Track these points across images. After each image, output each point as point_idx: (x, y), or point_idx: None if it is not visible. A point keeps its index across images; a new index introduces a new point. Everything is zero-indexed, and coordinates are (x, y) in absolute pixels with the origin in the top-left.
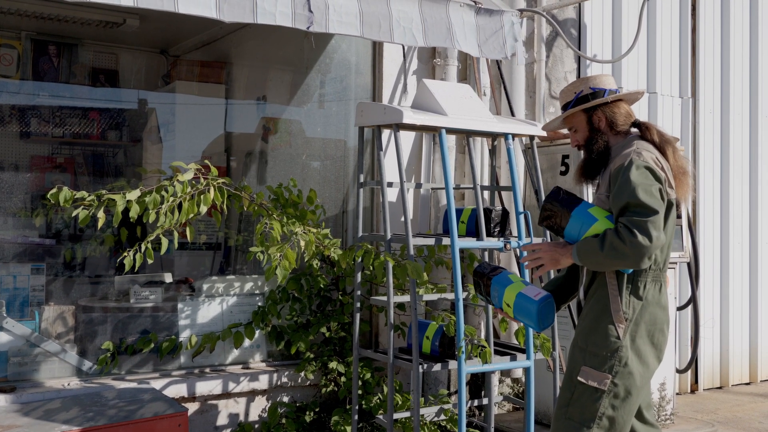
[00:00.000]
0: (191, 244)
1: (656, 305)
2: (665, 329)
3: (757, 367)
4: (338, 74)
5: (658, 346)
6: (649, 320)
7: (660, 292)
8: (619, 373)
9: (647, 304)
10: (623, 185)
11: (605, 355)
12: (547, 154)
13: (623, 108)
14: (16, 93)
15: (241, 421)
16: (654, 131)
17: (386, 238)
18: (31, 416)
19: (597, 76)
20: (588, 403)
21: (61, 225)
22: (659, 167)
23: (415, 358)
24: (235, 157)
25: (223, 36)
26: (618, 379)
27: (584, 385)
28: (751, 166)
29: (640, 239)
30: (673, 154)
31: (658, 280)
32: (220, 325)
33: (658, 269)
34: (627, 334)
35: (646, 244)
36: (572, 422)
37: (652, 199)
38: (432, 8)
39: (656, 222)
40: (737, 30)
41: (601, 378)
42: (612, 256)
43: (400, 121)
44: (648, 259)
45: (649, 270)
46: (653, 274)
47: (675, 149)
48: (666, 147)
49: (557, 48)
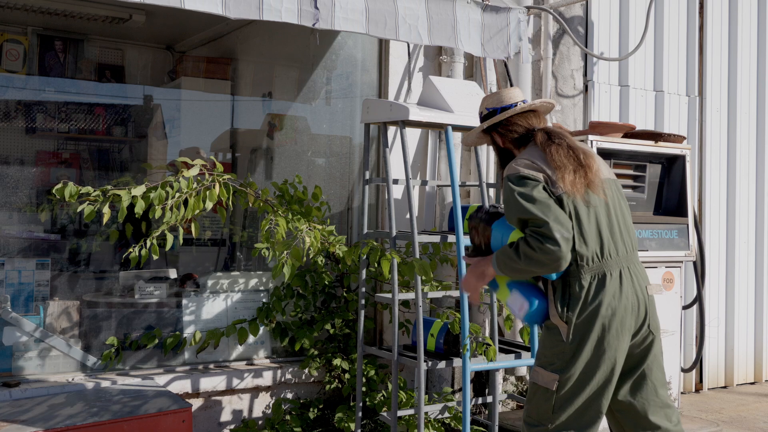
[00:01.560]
0: (196, 240)
1: (609, 296)
2: (627, 317)
3: (762, 367)
4: (344, 71)
5: (617, 337)
6: (604, 314)
7: (608, 282)
8: (565, 372)
9: (592, 299)
10: (507, 202)
11: (551, 354)
12: None
13: (523, 122)
14: (22, 88)
15: (245, 418)
16: (538, 136)
17: (391, 235)
18: (35, 411)
19: (500, 92)
20: (541, 402)
21: (66, 220)
22: (534, 169)
23: (419, 355)
24: (241, 154)
25: (229, 32)
26: (565, 378)
27: (536, 385)
28: (758, 165)
29: (548, 246)
30: (554, 152)
31: (602, 270)
32: (225, 321)
33: (596, 261)
34: (571, 334)
35: (554, 248)
36: (530, 420)
37: (539, 206)
38: (439, 5)
39: (557, 221)
40: (745, 28)
41: (549, 378)
42: (530, 264)
43: (406, 118)
44: (564, 260)
45: (583, 266)
46: (592, 267)
47: (558, 146)
48: (545, 148)
49: (564, 45)
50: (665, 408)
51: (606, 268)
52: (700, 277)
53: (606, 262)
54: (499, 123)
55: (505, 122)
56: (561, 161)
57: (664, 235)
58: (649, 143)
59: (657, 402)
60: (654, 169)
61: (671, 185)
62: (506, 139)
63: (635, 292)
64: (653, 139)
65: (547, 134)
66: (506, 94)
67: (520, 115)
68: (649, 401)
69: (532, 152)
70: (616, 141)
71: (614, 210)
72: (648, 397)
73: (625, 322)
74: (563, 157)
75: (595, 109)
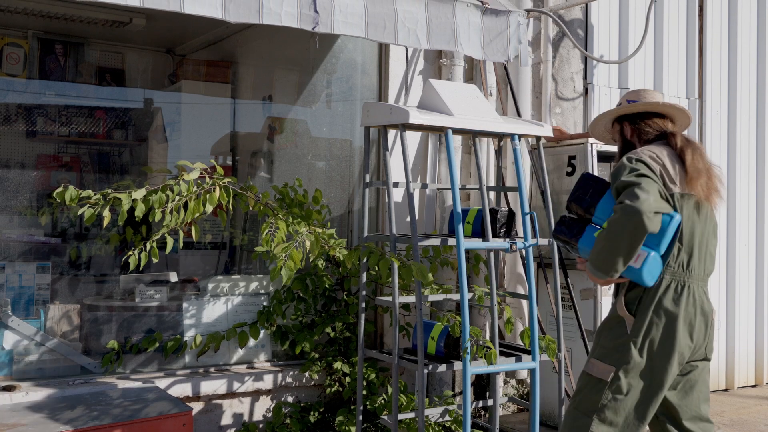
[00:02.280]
0: (196, 243)
1: (683, 305)
2: (694, 332)
3: (762, 370)
4: (344, 74)
5: (680, 348)
6: (674, 320)
7: (686, 292)
8: (623, 366)
9: (667, 302)
10: (615, 174)
11: (611, 347)
12: (553, 154)
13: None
14: (22, 92)
15: (246, 421)
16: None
17: (392, 238)
18: (35, 415)
19: (638, 90)
20: (591, 394)
21: (66, 224)
22: (654, 161)
23: (420, 358)
24: (241, 157)
25: (229, 35)
26: (621, 372)
27: (589, 376)
28: (758, 167)
29: (627, 203)
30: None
31: (684, 280)
32: (225, 324)
33: (681, 268)
34: (638, 329)
35: (634, 203)
36: (578, 412)
37: (640, 179)
38: (438, 8)
39: (642, 186)
40: (744, 31)
41: (605, 369)
42: (613, 233)
43: (406, 121)
44: (648, 221)
45: (667, 269)
46: (676, 272)
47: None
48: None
49: (564, 48)
50: (704, 422)
51: (687, 279)
52: None
53: (689, 274)
54: (638, 114)
55: (645, 115)
56: (695, 167)
57: None
58: None
59: (698, 414)
60: None
61: None
62: (637, 133)
63: (704, 312)
64: None
65: (686, 139)
66: (652, 93)
67: (658, 119)
68: (691, 409)
69: (658, 148)
70: None
71: (709, 231)
72: (691, 405)
73: (692, 336)
74: (699, 163)
75: (595, 111)
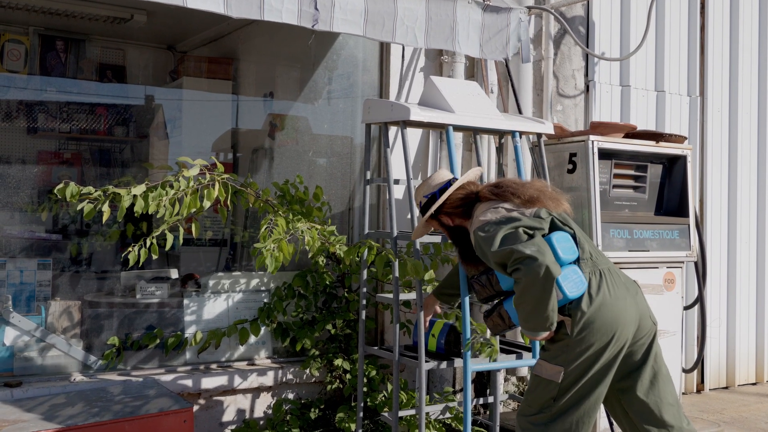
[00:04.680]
0: (197, 240)
1: (607, 290)
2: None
3: (763, 367)
4: (345, 71)
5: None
6: (600, 308)
7: (604, 279)
8: (570, 365)
9: (594, 293)
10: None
11: (556, 348)
12: (554, 151)
13: (463, 194)
14: (23, 88)
15: (246, 418)
16: (485, 192)
17: (392, 235)
18: (36, 411)
19: (428, 179)
20: (544, 393)
21: (67, 220)
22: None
23: (420, 355)
24: (242, 154)
25: (231, 32)
26: (568, 370)
27: (539, 378)
28: (759, 165)
29: (522, 267)
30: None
31: (597, 268)
32: (226, 321)
33: (589, 260)
34: (576, 327)
35: (534, 263)
36: (530, 410)
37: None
38: (439, 6)
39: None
40: (746, 28)
41: (554, 371)
42: (529, 291)
43: (407, 118)
44: (551, 267)
45: (581, 266)
46: (588, 265)
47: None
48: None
49: (565, 45)
50: (675, 407)
51: (599, 266)
52: (701, 278)
53: (596, 262)
54: (443, 204)
55: (448, 200)
56: (529, 194)
57: (665, 235)
58: (650, 143)
59: (668, 400)
60: (655, 169)
61: (672, 185)
62: (454, 216)
63: (627, 288)
64: (654, 140)
65: (494, 186)
66: (436, 177)
67: (457, 190)
68: (662, 399)
69: (489, 205)
70: (617, 141)
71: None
72: (660, 395)
73: (628, 312)
74: (529, 190)
75: (597, 109)
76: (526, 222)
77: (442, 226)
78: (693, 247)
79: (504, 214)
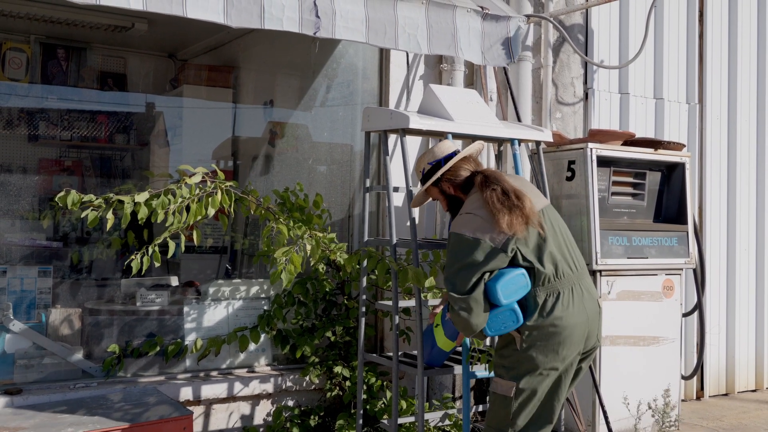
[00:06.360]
0: (198, 247)
1: (561, 310)
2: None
3: (763, 374)
4: (345, 79)
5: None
6: (556, 325)
7: (561, 298)
8: (522, 379)
9: (547, 313)
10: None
11: (508, 365)
12: (553, 159)
13: (465, 167)
14: (24, 96)
15: (246, 425)
16: (477, 179)
17: (392, 242)
18: (37, 419)
19: (433, 148)
20: (500, 410)
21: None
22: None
23: (420, 363)
24: (242, 161)
25: (231, 40)
26: (521, 384)
27: (495, 394)
28: (758, 172)
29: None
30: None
31: (557, 289)
32: (226, 328)
33: (552, 281)
34: (524, 343)
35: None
36: (490, 429)
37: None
38: (439, 14)
39: (465, 301)
40: (744, 36)
41: (507, 386)
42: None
43: (406, 126)
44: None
45: (539, 287)
46: (547, 287)
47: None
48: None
49: (564, 53)
50: None
51: (560, 286)
52: (700, 285)
53: (560, 281)
54: (446, 171)
55: (452, 168)
56: (495, 206)
57: (664, 242)
58: (648, 151)
59: None
60: (654, 176)
61: (671, 193)
62: (454, 186)
63: (584, 307)
64: (653, 147)
65: (484, 177)
66: (441, 147)
67: (462, 160)
68: None
69: (476, 202)
70: (616, 149)
71: (560, 234)
72: None
73: (575, 332)
74: (497, 202)
75: (595, 116)
76: (483, 266)
77: (442, 193)
78: (692, 254)
79: (476, 233)
